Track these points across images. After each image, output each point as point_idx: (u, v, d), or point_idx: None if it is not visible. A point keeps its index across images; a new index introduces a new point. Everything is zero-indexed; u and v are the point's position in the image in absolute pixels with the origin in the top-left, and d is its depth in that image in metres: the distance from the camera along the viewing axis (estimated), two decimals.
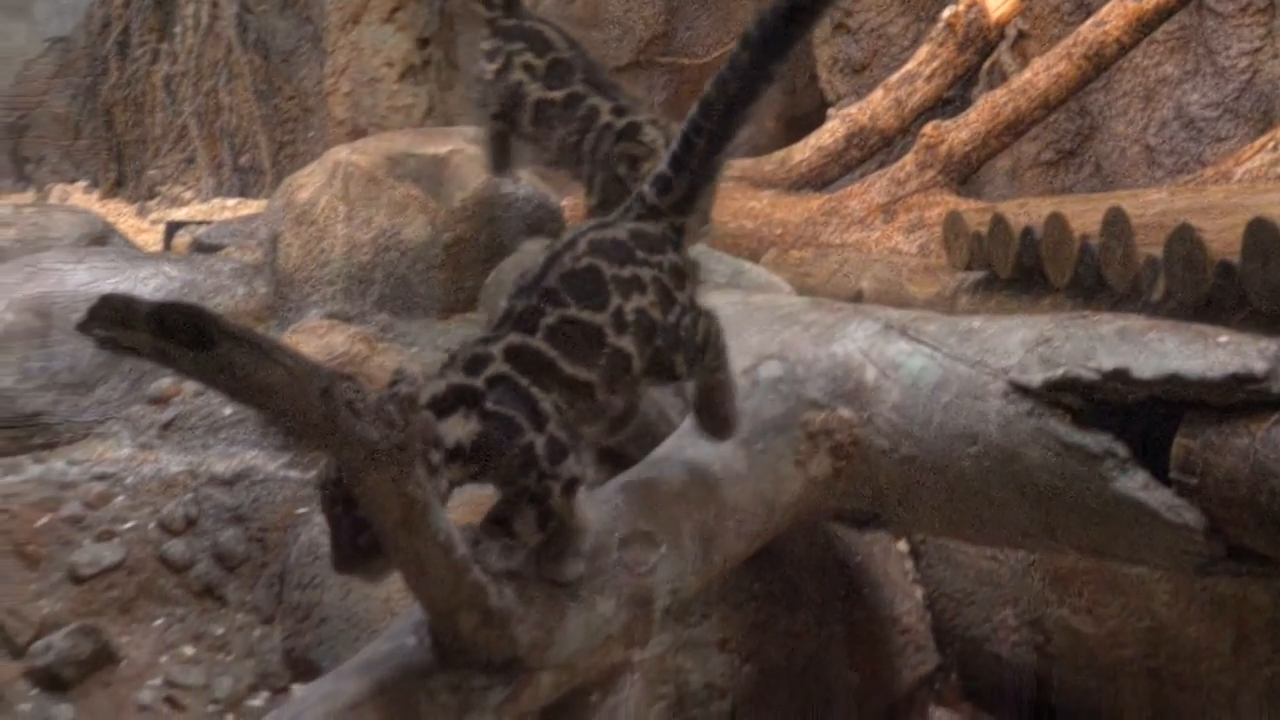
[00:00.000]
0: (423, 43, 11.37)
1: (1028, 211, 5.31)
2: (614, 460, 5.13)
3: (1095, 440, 3.40)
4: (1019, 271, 5.17)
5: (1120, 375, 3.37)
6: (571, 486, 3.21)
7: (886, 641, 4.75)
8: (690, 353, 3.46)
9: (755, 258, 6.26)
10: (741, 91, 3.44)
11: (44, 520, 5.33)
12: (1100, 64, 7.31)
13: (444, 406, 3.07)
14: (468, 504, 3.49)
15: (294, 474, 5.34)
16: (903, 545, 4.94)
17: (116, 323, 2.50)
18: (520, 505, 3.20)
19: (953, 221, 5.56)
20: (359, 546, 2.92)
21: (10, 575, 5.17)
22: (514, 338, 3.18)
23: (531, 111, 5.01)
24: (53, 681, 4.86)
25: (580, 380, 3.23)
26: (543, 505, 3.19)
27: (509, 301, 3.30)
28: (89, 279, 6.35)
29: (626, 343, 3.30)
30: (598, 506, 3.58)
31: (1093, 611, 4.49)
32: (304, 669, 4.84)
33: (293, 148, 12.64)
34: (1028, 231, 5.09)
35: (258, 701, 4.86)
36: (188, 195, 12.64)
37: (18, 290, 6.46)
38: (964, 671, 4.85)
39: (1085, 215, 4.94)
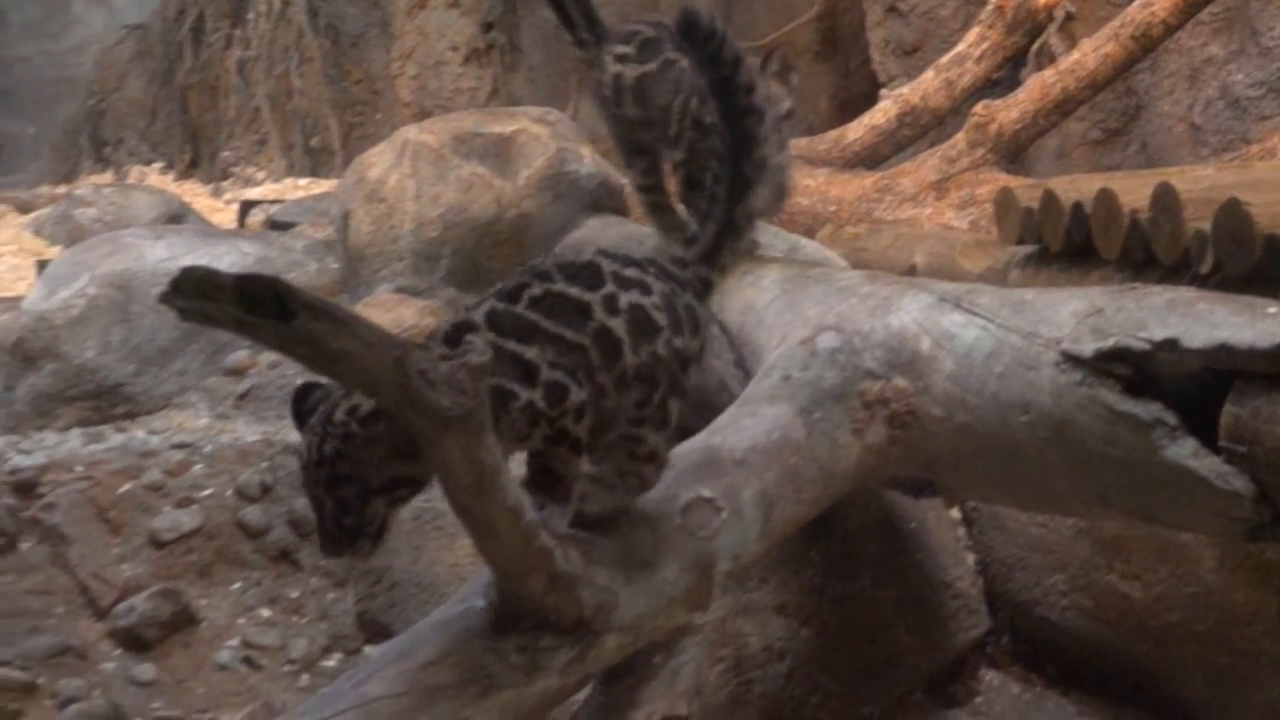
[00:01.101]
0: (486, 27, 11.39)
1: (1078, 187, 5.27)
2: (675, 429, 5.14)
3: (1145, 409, 3.38)
4: (1069, 246, 5.14)
5: (1170, 345, 3.34)
6: (581, 413, 3.08)
7: (939, 605, 4.73)
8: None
9: (810, 234, 6.24)
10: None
11: (126, 487, 5.36)
12: (1147, 45, 7.26)
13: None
14: None
15: None
16: (955, 512, 4.92)
17: (198, 294, 2.50)
18: (549, 452, 3.11)
19: (1004, 197, 5.53)
20: (345, 528, 2.89)
21: (94, 540, 5.21)
22: (495, 303, 3.08)
23: (631, 92, 4.90)
24: (135, 642, 4.90)
25: (568, 339, 3.08)
26: (571, 442, 3.10)
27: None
28: (167, 255, 6.36)
29: (617, 324, 3.13)
30: None
31: (1141, 577, 4.46)
32: (375, 631, 4.86)
33: (361, 129, 12.66)
34: (1078, 207, 5.06)
35: (331, 662, 4.88)
36: (260, 176, 12.68)
37: (100, 266, 6.49)
38: (1015, 634, 4.84)
39: (1134, 191, 4.90)
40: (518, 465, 3.10)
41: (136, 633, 4.88)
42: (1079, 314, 3.58)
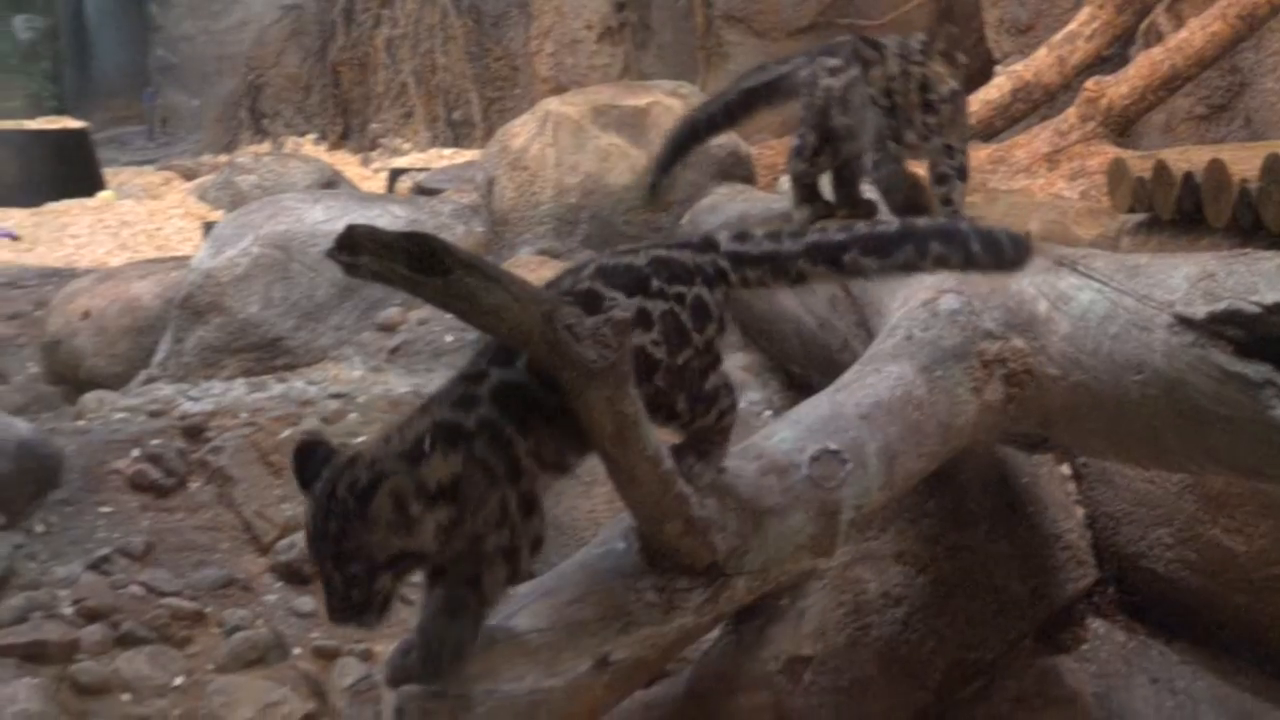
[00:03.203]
0: (619, 6, 11.37)
1: (1188, 158, 5.20)
2: (800, 386, 5.12)
3: (1255, 370, 3.31)
4: (1179, 214, 5.07)
5: None
6: (537, 546, 2.95)
7: (1049, 557, 4.68)
8: (693, 394, 3.09)
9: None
10: (857, 253, 3.23)
11: (286, 433, 5.42)
12: (1253, 23, 7.14)
13: (432, 446, 2.82)
14: None
15: None
16: (1065, 468, 4.86)
17: (360, 250, 2.50)
18: (491, 561, 2.89)
19: (1117, 167, 5.46)
20: (351, 601, 2.76)
21: (257, 481, 5.27)
22: (497, 374, 2.89)
23: (839, 103, 4.63)
24: (294, 576, 4.96)
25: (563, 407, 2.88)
26: (513, 565, 2.91)
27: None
28: (324, 217, 6.42)
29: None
30: (790, 426, 3.57)
31: (1244, 531, 4.39)
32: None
33: (500, 103, 12.71)
34: (1189, 176, 4.99)
35: None
36: (406, 146, 12.76)
37: (263, 227, 6.56)
38: (1121, 586, 4.78)
39: (1243, 162, 4.82)
40: None
41: (296, 567, 4.94)
42: (1191, 278, 3.52)
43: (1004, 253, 3.37)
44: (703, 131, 5.11)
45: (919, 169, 4.46)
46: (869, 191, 4.61)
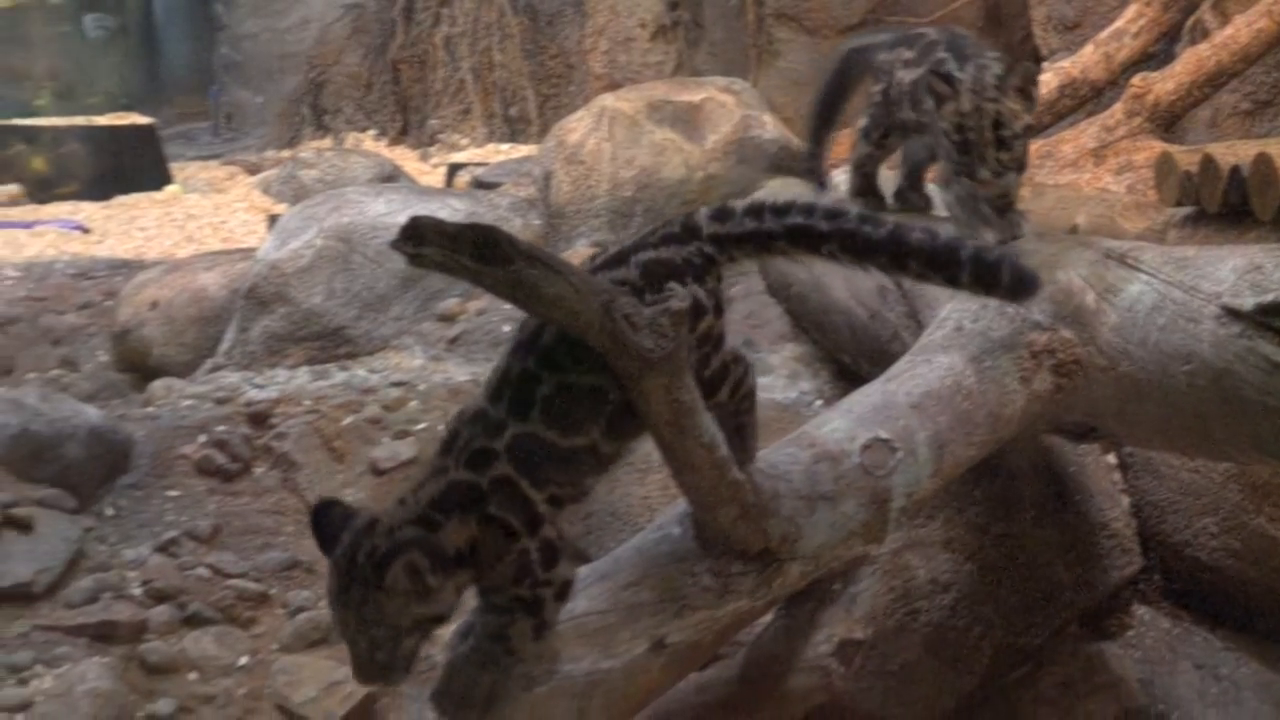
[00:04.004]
0: (672, 5, 11.36)
1: (1234, 152, 5.16)
2: (851, 377, 5.10)
3: None
4: (1226, 207, 5.04)
5: None
6: (563, 593, 2.92)
7: (1095, 544, 4.66)
8: (700, 378, 2.98)
9: None
10: (835, 247, 3.10)
11: (348, 420, 5.44)
12: None
13: (447, 507, 2.79)
14: None
15: None
16: (1111, 457, 4.83)
17: (424, 241, 2.51)
18: (515, 616, 2.88)
19: (1164, 161, 5.43)
20: (376, 662, 2.74)
21: (320, 466, 5.29)
22: (514, 429, 2.81)
23: (909, 97, 4.39)
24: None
25: (580, 447, 2.87)
26: (539, 617, 2.89)
27: (506, 359, 2.92)
28: (386, 210, 6.43)
29: None
30: (842, 415, 3.55)
31: None
32: (573, 557, 4.87)
33: (556, 100, 12.71)
34: (1235, 170, 4.96)
35: None
36: (463, 142, 12.76)
37: (326, 220, 6.58)
38: (1166, 574, 4.75)
39: None
40: None
41: None
42: (1239, 270, 3.50)
43: (999, 284, 3.26)
44: (827, 99, 4.94)
45: None
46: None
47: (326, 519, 2.83)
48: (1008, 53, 4.41)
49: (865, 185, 4.67)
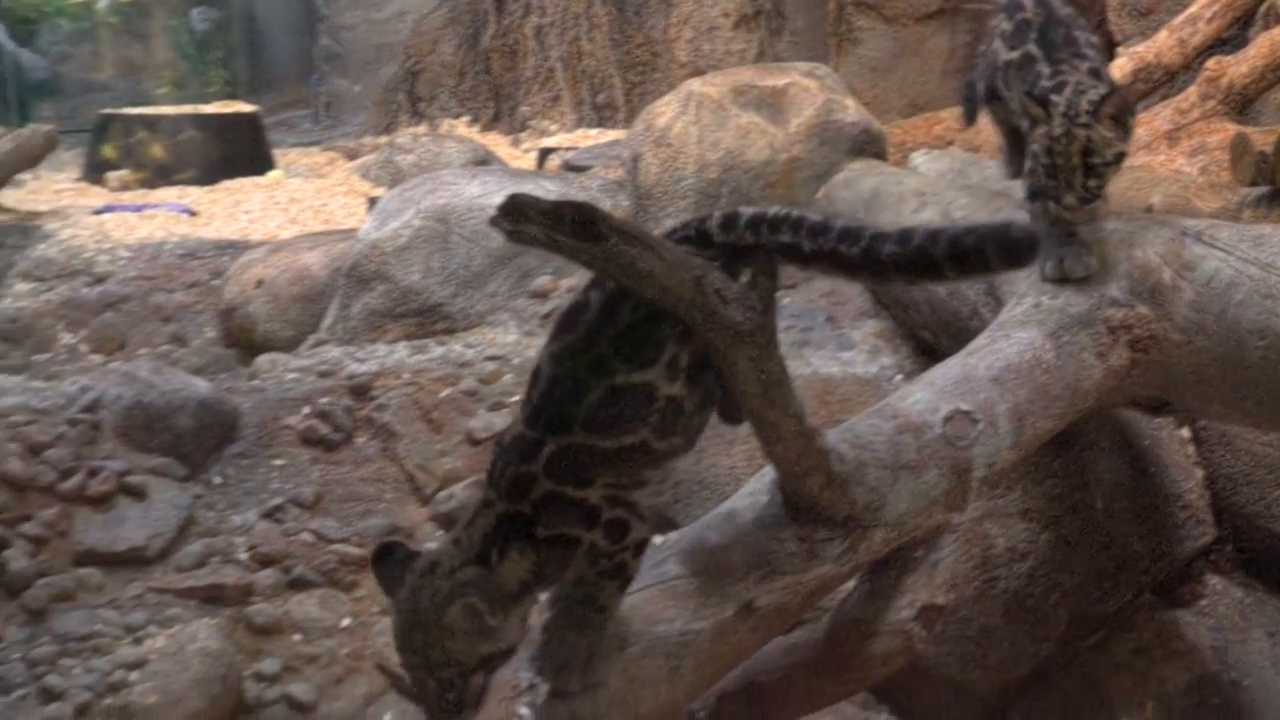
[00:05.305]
0: None
1: None
2: (930, 352, 5.07)
3: None
4: None
5: None
6: (640, 548, 2.84)
7: (1169, 515, 4.62)
8: None
9: None
10: (851, 264, 2.86)
11: (446, 392, 5.45)
12: None
13: (502, 540, 2.72)
14: None
15: None
16: (1185, 431, 4.79)
17: (522, 218, 2.50)
18: (600, 581, 2.82)
19: (1239, 142, 5.35)
20: (447, 701, 2.68)
21: (419, 437, 5.31)
22: (550, 445, 2.73)
23: (1002, 74, 4.23)
24: (453, 525, 4.97)
25: (628, 446, 2.78)
26: (622, 576, 2.83)
27: (542, 372, 2.81)
28: (481, 192, 6.43)
29: (678, 389, 2.80)
30: (924, 388, 3.53)
31: None
32: (661, 523, 4.87)
33: (642, 87, 12.67)
34: None
35: None
36: (553, 128, 12.76)
37: (423, 201, 6.59)
38: (1238, 544, 4.71)
39: None
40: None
41: (455, 517, 4.94)
42: None
43: (990, 264, 2.83)
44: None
45: None
46: None
47: (389, 562, 2.79)
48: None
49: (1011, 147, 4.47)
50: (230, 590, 4.77)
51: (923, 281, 3.15)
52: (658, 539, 4.72)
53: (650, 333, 2.76)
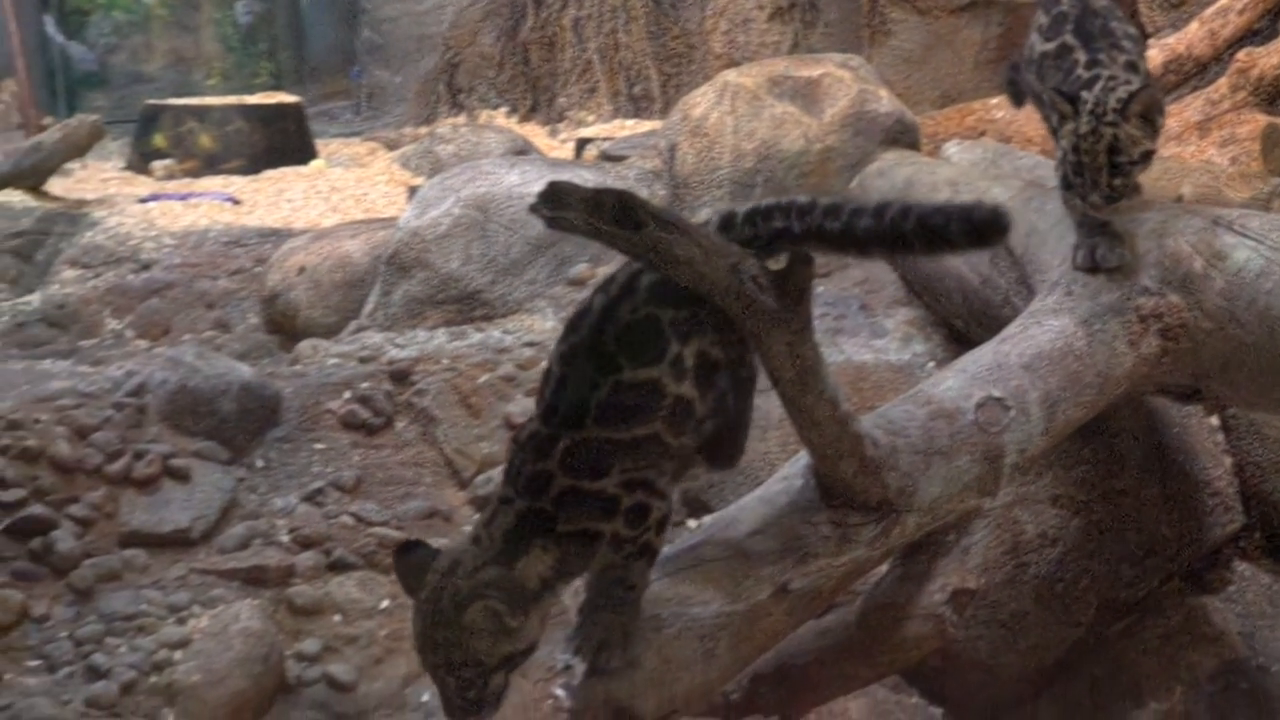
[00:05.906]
0: None
1: None
2: (963, 340, 5.05)
3: None
4: None
5: None
6: (663, 525, 2.82)
7: (1198, 502, 4.59)
8: None
9: None
10: (834, 239, 2.86)
11: (484, 378, 5.45)
12: None
13: (522, 538, 2.70)
14: None
15: None
16: (1214, 419, 4.76)
17: (561, 205, 2.50)
18: (628, 563, 2.81)
19: (1270, 132, 5.32)
20: (468, 699, 2.68)
21: (458, 422, 5.31)
22: (565, 440, 2.73)
23: (1036, 66, 4.20)
24: None
25: (642, 436, 2.77)
26: (649, 553, 2.82)
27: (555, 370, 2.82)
28: (519, 181, 6.43)
29: (687, 389, 2.80)
30: (957, 374, 3.52)
31: None
32: (697, 507, 4.87)
33: (677, 78, 12.65)
34: None
35: None
36: (590, 118, 12.76)
37: (463, 190, 6.60)
38: (1266, 531, 4.68)
39: None
40: None
41: None
42: None
43: (953, 241, 2.83)
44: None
45: None
46: None
47: (410, 561, 2.77)
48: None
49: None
50: (272, 572, 4.78)
51: (899, 254, 3.15)
52: (692, 523, 4.76)
53: (651, 331, 2.76)
